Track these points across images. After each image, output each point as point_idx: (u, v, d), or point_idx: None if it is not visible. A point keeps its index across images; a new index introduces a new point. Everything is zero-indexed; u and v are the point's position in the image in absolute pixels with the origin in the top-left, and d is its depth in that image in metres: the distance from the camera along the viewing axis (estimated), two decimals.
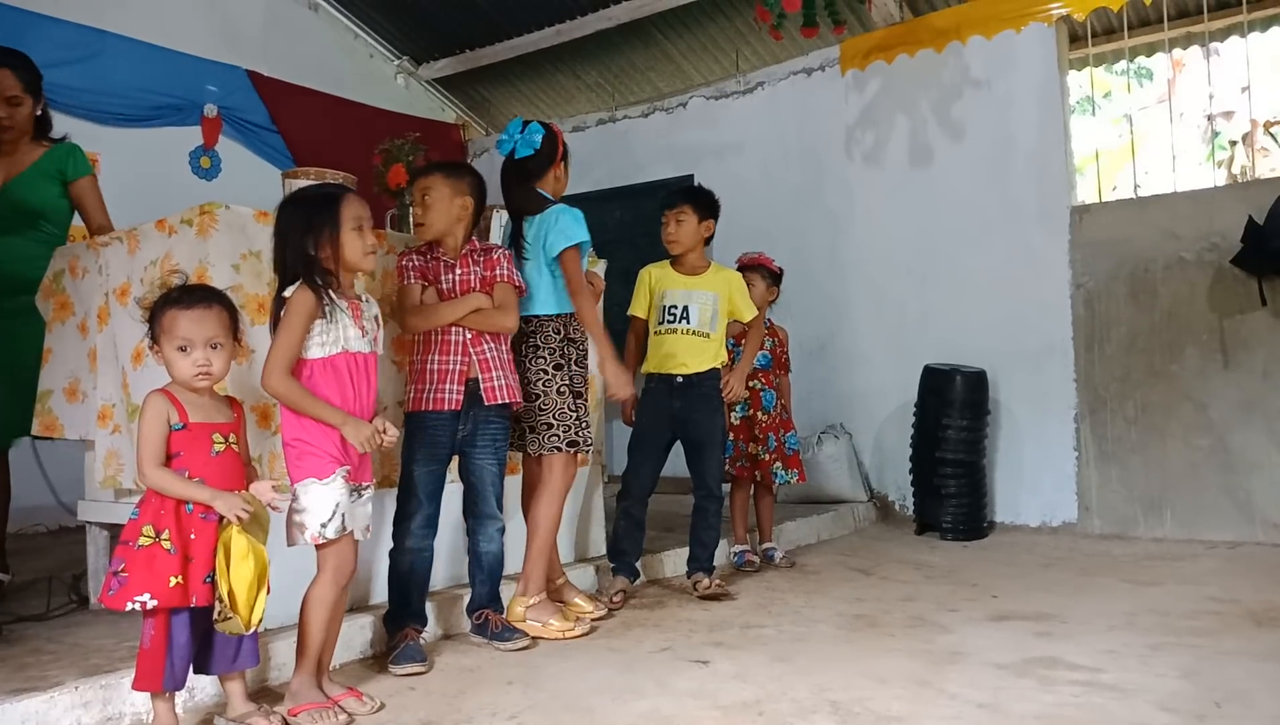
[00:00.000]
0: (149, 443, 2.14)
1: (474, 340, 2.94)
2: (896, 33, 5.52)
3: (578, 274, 3.17)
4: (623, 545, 3.66)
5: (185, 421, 2.18)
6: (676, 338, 3.69)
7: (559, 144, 3.31)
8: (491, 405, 2.96)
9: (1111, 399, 4.88)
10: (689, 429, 3.70)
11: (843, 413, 5.70)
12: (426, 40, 7.02)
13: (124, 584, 2.06)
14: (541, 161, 3.27)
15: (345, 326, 2.43)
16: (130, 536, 2.10)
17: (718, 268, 3.81)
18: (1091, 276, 4.94)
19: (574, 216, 3.21)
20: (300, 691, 2.39)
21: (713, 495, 3.72)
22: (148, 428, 2.15)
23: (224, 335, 2.22)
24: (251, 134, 6.19)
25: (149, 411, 2.16)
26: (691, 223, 3.72)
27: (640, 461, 3.69)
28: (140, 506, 2.14)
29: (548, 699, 2.53)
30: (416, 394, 2.93)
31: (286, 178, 3.38)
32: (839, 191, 5.77)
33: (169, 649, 2.12)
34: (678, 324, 3.69)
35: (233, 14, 6.17)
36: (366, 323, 2.50)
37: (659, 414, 3.69)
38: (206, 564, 2.12)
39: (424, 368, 2.93)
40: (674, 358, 3.67)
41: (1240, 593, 3.50)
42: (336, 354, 2.42)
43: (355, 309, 2.48)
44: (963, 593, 3.65)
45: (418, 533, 2.91)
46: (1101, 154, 5.83)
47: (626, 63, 6.59)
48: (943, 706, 2.39)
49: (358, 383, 2.46)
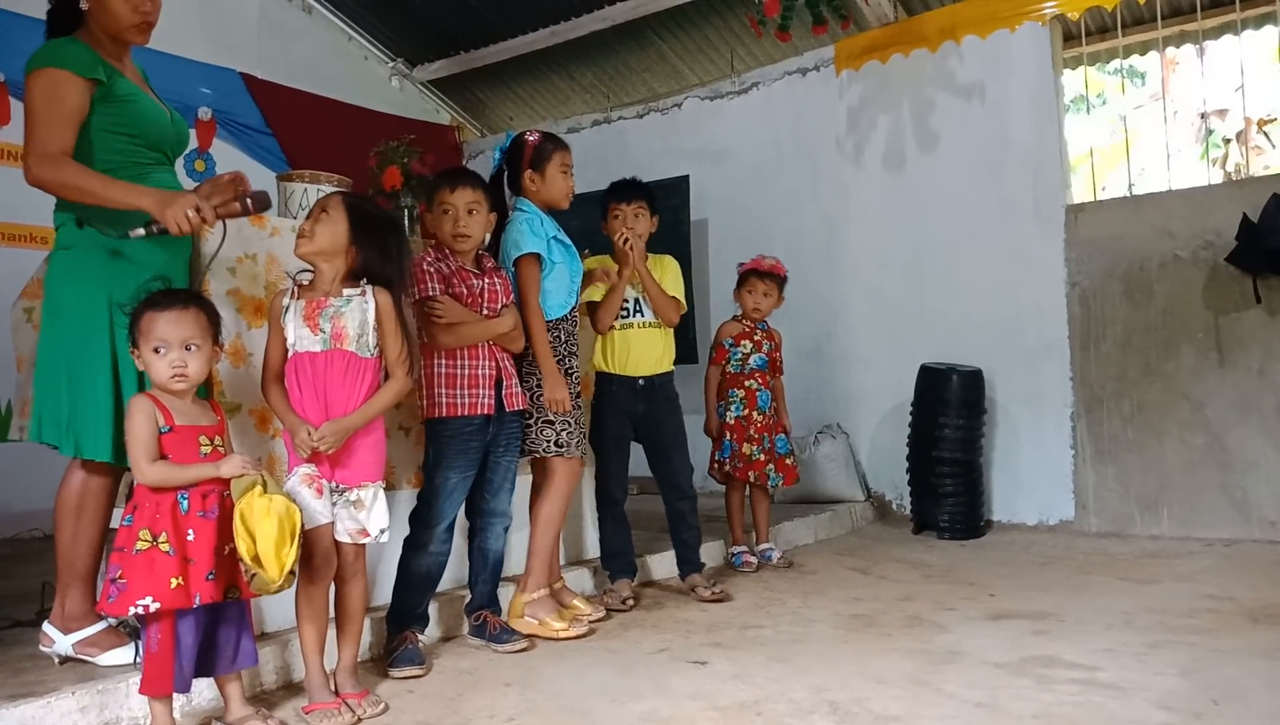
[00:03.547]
0: (141, 441, 2.14)
1: (496, 345, 3.01)
2: (891, 32, 5.53)
3: (525, 284, 3.15)
4: (616, 548, 3.66)
5: (171, 423, 2.18)
6: (635, 332, 3.65)
7: (524, 151, 3.27)
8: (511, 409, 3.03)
9: (1108, 398, 4.88)
10: (654, 432, 3.68)
11: (839, 412, 5.70)
12: (421, 42, 7.01)
13: (123, 590, 2.05)
14: (512, 173, 3.29)
15: (297, 327, 2.45)
16: (125, 542, 2.10)
17: (657, 258, 3.76)
18: (1087, 275, 4.95)
19: (527, 225, 3.19)
20: (311, 691, 2.44)
21: (685, 495, 3.72)
22: (137, 427, 2.14)
23: (201, 337, 2.21)
24: (246, 137, 6.19)
25: (136, 412, 2.16)
26: (646, 218, 3.70)
27: (614, 465, 3.66)
28: (133, 512, 2.13)
29: (545, 701, 2.53)
30: (448, 399, 2.90)
31: (281, 181, 3.38)
32: (834, 191, 5.77)
33: (177, 651, 2.12)
34: (633, 317, 3.66)
35: (226, 17, 6.17)
36: (325, 322, 2.45)
37: (621, 415, 3.65)
38: (208, 563, 2.12)
39: (452, 372, 2.91)
40: (634, 357, 3.64)
41: (1237, 591, 3.51)
42: (297, 354, 2.46)
43: (315, 307, 2.46)
44: (960, 592, 3.65)
45: (442, 536, 2.92)
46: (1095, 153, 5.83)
47: (621, 64, 6.59)
48: (940, 706, 2.40)
49: (305, 383, 2.44)
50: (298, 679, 2.62)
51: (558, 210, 3.32)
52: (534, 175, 3.27)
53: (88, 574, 2.54)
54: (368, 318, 2.48)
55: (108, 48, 2.56)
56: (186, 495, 2.15)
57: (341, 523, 2.49)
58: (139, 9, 2.56)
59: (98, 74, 2.47)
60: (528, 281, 3.16)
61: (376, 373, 2.52)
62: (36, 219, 4.99)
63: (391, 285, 2.54)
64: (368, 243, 2.49)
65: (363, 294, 2.50)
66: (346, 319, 2.46)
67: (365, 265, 2.50)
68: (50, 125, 2.40)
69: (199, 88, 5.88)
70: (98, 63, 2.49)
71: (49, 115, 2.41)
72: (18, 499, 3.39)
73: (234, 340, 2.70)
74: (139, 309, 2.20)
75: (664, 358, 3.70)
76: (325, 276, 2.51)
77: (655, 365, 3.67)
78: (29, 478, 3.39)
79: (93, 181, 2.38)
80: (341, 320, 2.46)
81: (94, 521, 2.52)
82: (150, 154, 2.59)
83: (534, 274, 3.17)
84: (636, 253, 3.58)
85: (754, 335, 4.33)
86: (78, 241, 2.47)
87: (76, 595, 2.51)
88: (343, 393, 2.46)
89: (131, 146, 2.55)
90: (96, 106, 2.48)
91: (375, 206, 2.70)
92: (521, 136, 3.32)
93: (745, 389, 4.25)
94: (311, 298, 2.48)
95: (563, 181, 3.31)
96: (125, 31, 2.58)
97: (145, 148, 2.58)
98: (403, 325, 2.55)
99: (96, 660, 2.48)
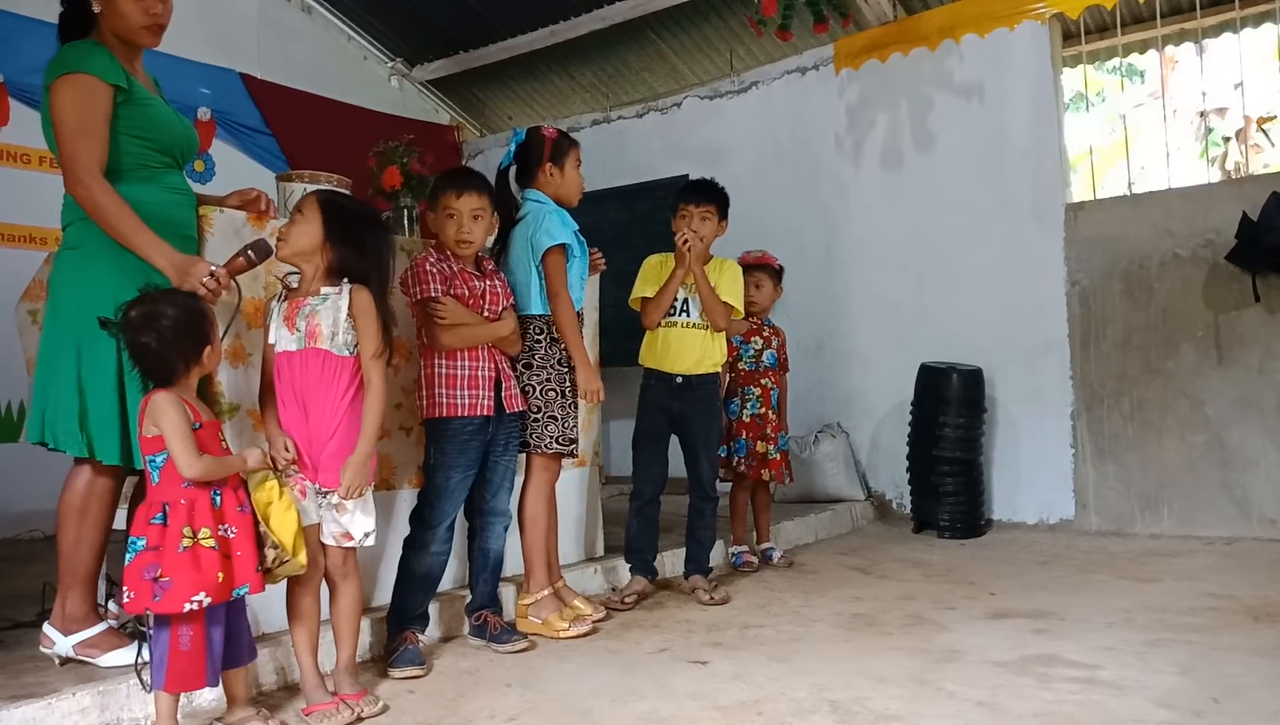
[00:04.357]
0: (185, 435, 2.13)
1: (495, 348, 3.02)
2: (890, 31, 5.53)
3: (556, 276, 3.17)
4: (636, 544, 3.68)
5: (200, 420, 2.20)
6: (677, 331, 3.68)
7: (543, 145, 3.29)
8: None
9: (1108, 396, 4.88)
10: (685, 429, 3.70)
11: (840, 412, 5.70)
12: (420, 42, 7.01)
13: (169, 588, 2.05)
14: (528, 166, 3.29)
15: (277, 327, 2.47)
16: (162, 541, 2.09)
17: (719, 261, 3.80)
18: (1087, 274, 4.95)
19: (558, 216, 3.21)
20: (308, 693, 2.44)
21: (708, 496, 3.73)
22: (179, 421, 2.14)
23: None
24: (245, 137, 6.19)
25: (172, 409, 2.14)
26: (713, 223, 3.70)
27: (645, 460, 3.70)
28: (163, 511, 2.12)
29: (546, 701, 2.53)
30: (448, 400, 2.90)
31: (281, 181, 3.38)
32: (834, 190, 5.77)
33: (208, 648, 2.14)
34: (678, 317, 3.69)
35: (225, 17, 6.16)
36: (300, 321, 2.44)
37: (657, 411, 3.70)
38: (253, 555, 2.18)
39: (452, 373, 2.91)
40: (673, 354, 3.67)
41: (1237, 589, 3.51)
42: (277, 354, 2.46)
43: (294, 307, 2.46)
44: (961, 591, 3.65)
45: (443, 536, 2.93)
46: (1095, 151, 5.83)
47: (621, 63, 6.59)
48: (941, 705, 2.40)
49: (284, 383, 2.44)
50: (296, 679, 2.62)
51: (568, 206, 3.32)
52: (554, 168, 3.28)
53: (89, 576, 2.54)
54: (340, 315, 2.44)
55: (120, 51, 2.57)
56: (220, 492, 2.17)
57: (326, 526, 2.48)
58: (150, 10, 2.57)
59: (121, 80, 2.49)
60: (557, 273, 3.16)
61: (355, 371, 2.47)
62: (35, 219, 5.02)
63: (369, 280, 2.50)
64: (342, 239, 2.48)
65: (339, 292, 2.47)
66: (320, 317, 2.44)
67: (342, 262, 2.48)
68: (89, 138, 2.43)
69: (198, 88, 5.88)
70: (120, 68, 2.51)
71: (86, 126, 2.43)
72: (17, 500, 3.38)
73: (234, 341, 2.70)
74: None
75: (703, 359, 3.70)
76: (306, 276, 2.51)
77: (694, 365, 3.67)
78: (29, 479, 3.39)
79: (124, 221, 2.42)
80: (315, 318, 2.44)
81: (97, 524, 2.52)
82: (161, 157, 2.61)
83: (562, 265, 3.18)
84: (694, 254, 3.59)
85: (762, 331, 4.33)
86: (85, 241, 2.48)
87: (77, 597, 2.51)
88: (319, 391, 2.43)
89: (144, 149, 2.56)
90: (117, 110, 2.49)
91: (351, 202, 2.67)
92: (539, 130, 3.33)
93: (761, 387, 4.26)
94: (294, 298, 2.49)
95: (577, 177, 3.35)
96: (136, 34, 2.58)
97: (157, 151, 2.59)
98: (384, 322, 2.50)
99: (97, 661, 2.48)
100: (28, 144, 5.02)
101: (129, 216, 2.42)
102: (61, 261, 2.53)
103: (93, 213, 2.43)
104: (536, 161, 3.28)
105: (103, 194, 2.41)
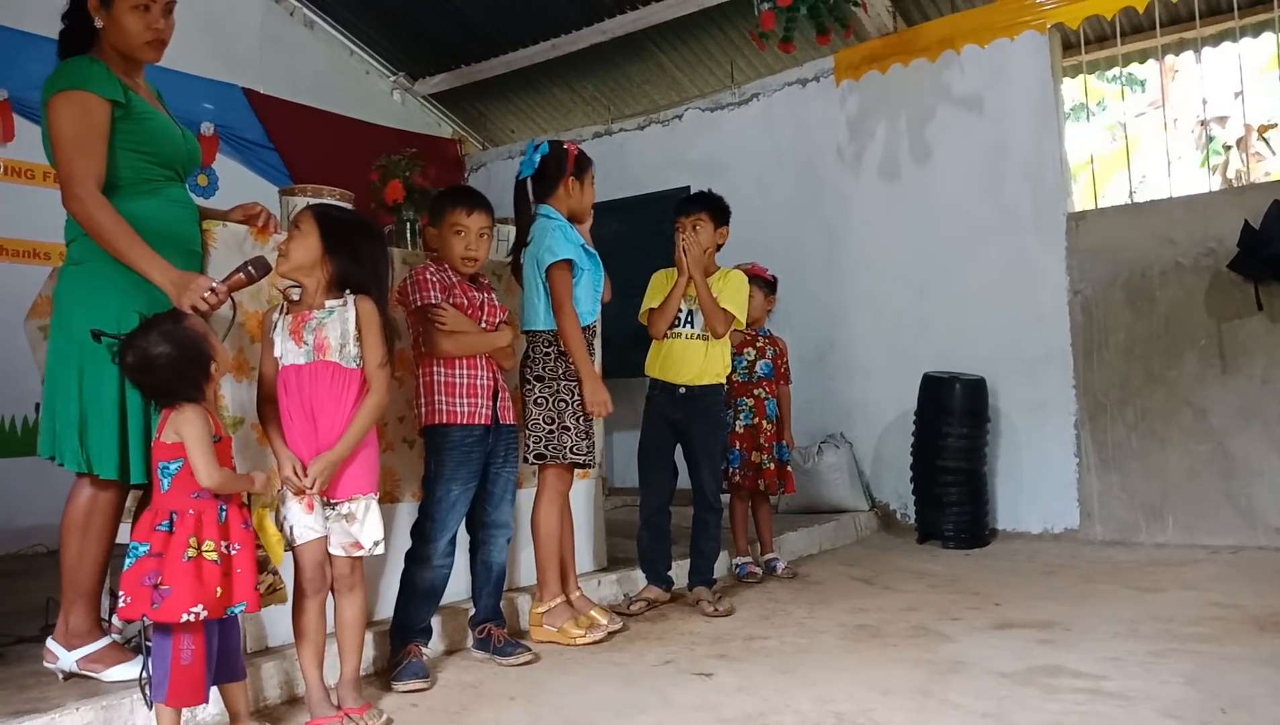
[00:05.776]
0: (207, 446, 2.15)
1: (491, 359, 3.03)
2: (890, 43, 5.55)
3: (560, 290, 3.18)
4: (649, 554, 3.70)
5: (220, 433, 2.22)
6: (680, 343, 3.70)
7: (567, 159, 3.31)
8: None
9: (1111, 405, 4.88)
10: (688, 440, 3.71)
11: (843, 422, 5.70)
12: (422, 56, 7.04)
13: (168, 596, 2.05)
14: (549, 178, 3.30)
15: (283, 341, 2.47)
16: (166, 549, 2.09)
17: (724, 272, 3.81)
18: (1089, 283, 4.95)
19: (560, 232, 3.22)
20: (312, 706, 2.44)
21: (711, 507, 3.74)
22: (203, 431, 2.15)
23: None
24: (248, 151, 6.21)
25: (198, 420, 2.16)
26: (708, 230, 3.73)
27: (650, 469, 3.72)
28: (169, 519, 2.13)
29: (550, 714, 2.52)
30: (448, 407, 2.91)
31: (284, 195, 3.39)
32: (835, 201, 5.78)
33: (207, 662, 2.14)
34: (681, 328, 3.71)
35: (229, 32, 6.20)
36: (308, 334, 2.45)
37: (661, 421, 3.71)
38: (252, 573, 2.18)
39: (451, 381, 2.92)
40: (676, 365, 3.68)
41: (1243, 598, 3.50)
42: (284, 368, 2.46)
43: (300, 321, 2.47)
44: (965, 601, 3.64)
45: (445, 549, 2.92)
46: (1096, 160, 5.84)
47: (622, 76, 6.61)
48: (946, 716, 2.39)
49: (292, 396, 2.45)
50: (301, 693, 2.61)
51: (581, 222, 3.35)
52: (575, 183, 3.32)
53: (92, 590, 2.54)
54: (348, 327, 2.47)
55: (121, 66, 2.58)
56: (225, 507, 2.18)
57: (334, 536, 2.48)
58: (152, 26, 2.58)
59: (119, 95, 2.50)
60: (561, 287, 3.18)
61: (362, 383, 2.49)
62: (40, 235, 5.03)
63: (369, 290, 2.52)
64: (339, 251, 2.49)
65: (344, 304, 2.49)
66: (328, 330, 2.46)
67: (342, 274, 2.49)
68: (85, 153, 2.43)
69: (201, 103, 5.91)
70: (117, 84, 2.51)
71: (83, 142, 2.44)
72: (21, 514, 3.39)
73: (237, 355, 2.71)
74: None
75: (705, 370, 3.70)
76: (309, 290, 2.51)
77: (696, 376, 3.69)
78: (33, 494, 3.40)
79: (120, 238, 2.41)
80: (323, 331, 2.45)
81: (100, 539, 2.52)
82: (162, 171, 2.61)
83: (567, 280, 3.19)
84: (692, 259, 3.62)
85: (755, 342, 4.33)
86: (88, 257, 2.48)
87: (80, 611, 2.51)
88: (329, 404, 2.45)
89: (144, 163, 2.56)
90: (115, 125, 2.50)
91: (347, 213, 2.69)
92: (561, 144, 3.35)
93: (754, 398, 4.26)
94: (298, 312, 2.49)
95: (592, 193, 3.40)
96: (138, 49, 2.59)
97: (157, 165, 2.60)
98: (387, 332, 2.52)
99: (100, 676, 2.47)
100: (32, 160, 5.04)
101: (125, 232, 2.42)
102: (65, 277, 2.54)
103: (89, 229, 2.43)
104: (560, 175, 3.30)
105: (99, 210, 2.41)
